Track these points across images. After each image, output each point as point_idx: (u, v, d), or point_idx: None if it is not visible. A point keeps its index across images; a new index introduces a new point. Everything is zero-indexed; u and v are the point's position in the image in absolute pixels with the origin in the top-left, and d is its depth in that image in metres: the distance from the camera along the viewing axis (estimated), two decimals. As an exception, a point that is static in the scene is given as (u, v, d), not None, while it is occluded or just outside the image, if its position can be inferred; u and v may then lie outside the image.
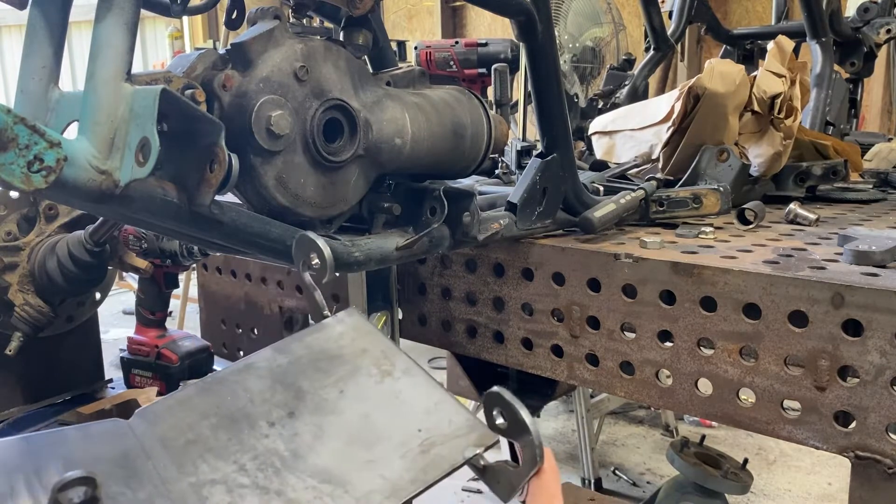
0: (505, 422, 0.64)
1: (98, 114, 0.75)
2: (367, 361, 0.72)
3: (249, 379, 0.68)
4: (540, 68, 1.29)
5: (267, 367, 0.70)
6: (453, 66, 2.44)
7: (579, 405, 3.24)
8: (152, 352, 1.62)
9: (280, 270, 1.78)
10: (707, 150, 1.65)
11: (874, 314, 0.98)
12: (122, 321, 5.35)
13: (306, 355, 0.73)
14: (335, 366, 0.71)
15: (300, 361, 0.71)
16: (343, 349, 0.74)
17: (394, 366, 0.72)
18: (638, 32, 3.58)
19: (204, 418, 0.63)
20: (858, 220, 1.59)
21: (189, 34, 8.08)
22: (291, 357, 0.72)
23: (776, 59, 1.73)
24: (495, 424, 0.65)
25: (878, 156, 2.46)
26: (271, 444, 0.61)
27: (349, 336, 0.76)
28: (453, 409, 0.68)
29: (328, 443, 0.63)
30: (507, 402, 0.63)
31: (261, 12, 0.96)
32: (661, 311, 1.17)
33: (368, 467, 0.61)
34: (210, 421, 0.61)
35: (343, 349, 0.74)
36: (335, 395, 0.67)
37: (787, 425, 1.08)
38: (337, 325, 0.78)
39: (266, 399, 0.66)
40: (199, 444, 0.60)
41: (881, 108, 4.66)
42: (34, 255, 1.39)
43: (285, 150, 0.93)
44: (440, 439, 0.64)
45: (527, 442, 0.63)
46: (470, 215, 1.12)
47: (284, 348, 0.73)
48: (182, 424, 0.63)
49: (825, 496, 3.13)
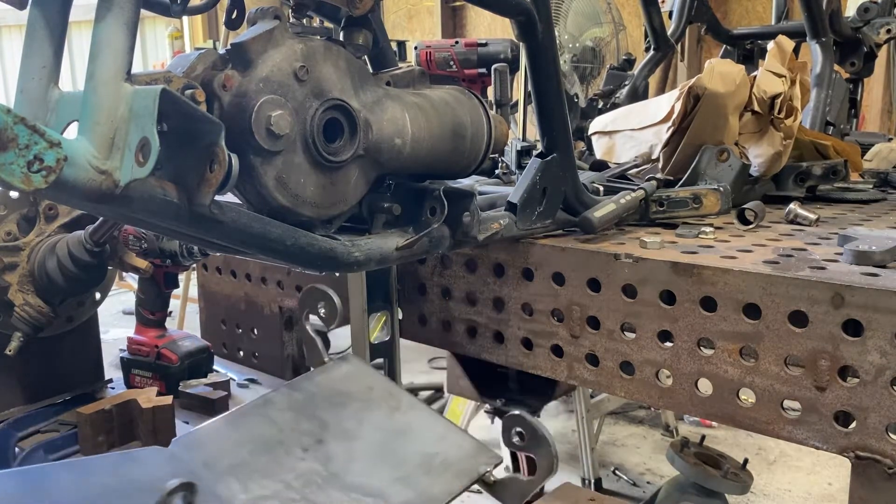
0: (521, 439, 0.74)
1: (98, 114, 0.75)
2: (376, 397, 0.79)
3: (272, 412, 0.74)
4: (540, 68, 1.29)
5: (285, 402, 0.76)
6: (453, 66, 2.44)
7: (579, 405, 3.24)
8: (152, 352, 1.62)
9: (280, 270, 1.78)
10: (707, 150, 1.65)
11: (874, 314, 0.98)
12: (122, 321, 5.35)
13: (319, 392, 0.79)
14: (348, 401, 0.78)
15: (315, 397, 0.77)
16: (351, 387, 0.80)
17: (400, 402, 0.80)
18: (638, 32, 3.58)
19: (240, 445, 0.68)
20: (858, 220, 1.59)
21: (189, 34, 8.08)
22: (306, 394, 0.78)
23: (776, 59, 1.73)
24: (512, 441, 0.75)
25: (878, 156, 2.46)
26: (309, 465, 0.67)
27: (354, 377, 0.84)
28: (460, 436, 0.76)
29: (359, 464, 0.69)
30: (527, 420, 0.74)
31: (261, 12, 0.96)
32: (661, 311, 1.17)
33: (400, 482, 0.67)
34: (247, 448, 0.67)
35: (351, 387, 0.80)
36: (355, 425, 0.74)
37: (787, 425, 1.08)
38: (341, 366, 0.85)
39: (293, 428, 0.72)
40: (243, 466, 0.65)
41: (881, 108, 4.66)
42: (34, 255, 1.39)
43: (285, 150, 0.93)
44: (455, 459, 0.72)
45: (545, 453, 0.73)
46: (470, 215, 1.12)
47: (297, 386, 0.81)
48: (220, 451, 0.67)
49: (825, 496, 3.13)
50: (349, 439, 0.71)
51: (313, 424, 0.72)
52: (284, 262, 0.98)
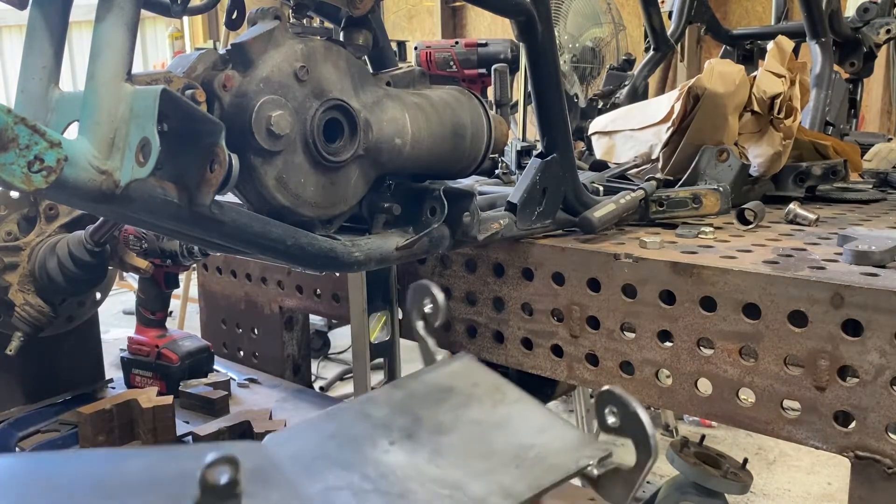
0: (617, 420, 0.65)
1: (98, 114, 0.75)
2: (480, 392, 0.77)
3: (369, 408, 0.73)
4: (540, 68, 1.29)
5: (385, 399, 0.75)
6: (453, 66, 2.44)
7: (579, 405, 3.23)
8: (152, 352, 1.62)
9: (280, 270, 1.78)
10: (707, 150, 1.65)
11: (874, 314, 0.98)
12: (122, 321, 5.34)
13: (422, 389, 0.77)
14: (449, 396, 0.76)
15: (416, 394, 0.76)
16: (456, 383, 0.78)
17: (505, 395, 0.76)
18: (638, 32, 3.58)
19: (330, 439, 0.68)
20: (858, 220, 1.59)
21: (189, 34, 8.07)
22: (408, 391, 0.77)
23: (776, 59, 1.73)
24: (607, 424, 0.66)
25: (878, 156, 2.47)
26: (392, 458, 0.66)
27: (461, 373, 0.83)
28: (565, 428, 0.71)
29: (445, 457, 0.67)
30: (619, 396, 0.64)
31: (261, 12, 0.96)
32: (661, 311, 1.18)
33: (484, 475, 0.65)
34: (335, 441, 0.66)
35: (456, 383, 0.78)
36: (451, 420, 0.72)
37: (786, 425, 1.08)
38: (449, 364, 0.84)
39: (386, 424, 0.71)
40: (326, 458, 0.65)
41: (881, 108, 4.66)
42: (34, 255, 1.39)
43: (285, 150, 0.93)
44: (553, 452, 0.67)
45: (641, 436, 0.63)
46: (470, 215, 1.12)
47: (401, 385, 0.79)
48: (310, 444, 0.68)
49: (825, 496, 3.13)
50: (441, 433, 0.70)
51: (407, 420, 0.71)
52: (284, 262, 0.98)
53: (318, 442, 0.68)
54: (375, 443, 0.68)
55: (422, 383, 0.78)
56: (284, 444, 0.68)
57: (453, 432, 0.70)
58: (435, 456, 0.67)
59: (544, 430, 0.70)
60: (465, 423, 0.72)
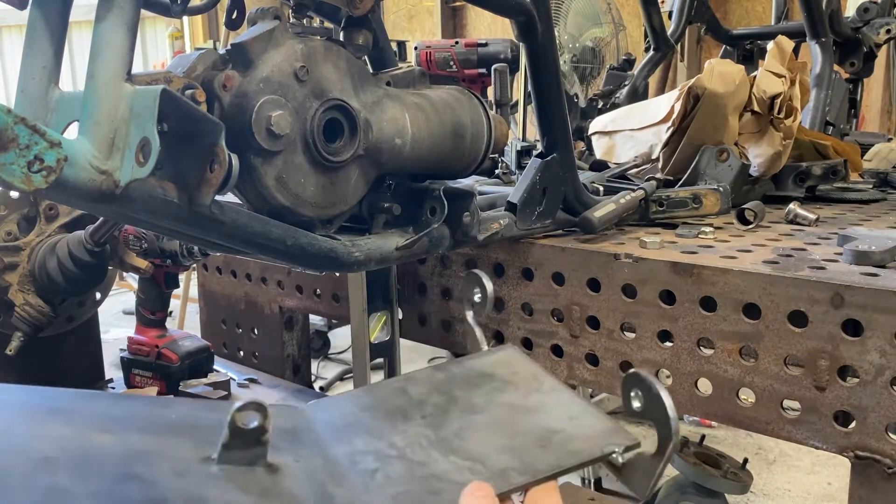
0: (641, 404, 0.65)
1: (98, 114, 0.75)
2: (517, 379, 0.79)
3: (409, 386, 0.76)
4: (540, 68, 1.29)
5: (426, 379, 0.78)
6: (453, 66, 2.44)
7: (579, 405, 3.23)
8: (152, 352, 1.61)
9: (280, 270, 1.78)
10: (707, 150, 1.65)
11: (874, 314, 0.98)
12: (122, 321, 5.34)
13: (462, 373, 0.79)
14: (487, 382, 0.78)
15: (456, 377, 0.78)
16: (496, 371, 0.80)
17: (542, 384, 0.77)
18: (638, 32, 3.58)
19: (365, 410, 0.71)
20: (858, 220, 1.59)
21: (189, 34, 8.07)
22: (448, 374, 0.79)
23: (776, 59, 1.73)
24: (633, 408, 0.66)
25: (878, 156, 2.47)
26: (421, 430, 0.68)
27: (503, 362, 0.83)
28: (597, 416, 0.71)
29: (473, 433, 0.69)
30: (644, 379, 0.65)
31: (261, 12, 0.96)
32: (661, 311, 1.17)
33: (508, 451, 0.67)
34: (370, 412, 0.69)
35: (496, 371, 0.80)
36: (484, 402, 0.74)
37: (786, 425, 1.08)
38: (494, 353, 0.86)
39: (422, 401, 0.73)
40: (358, 426, 0.68)
41: (881, 108, 4.66)
42: (34, 255, 1.39)
43: (285, 150, 0.93)
44: (580, 438, 0.68)
45: (663, 418, 0.62)
46: (470, 215, 1.12)
47: (443, 367, 0.81)
48: (347, 413, 0.71)
49: (825, 496, 3.13)
50: (472, 412, 0.72)
51: (443, 399, 0.73)
52: (284, 262, 0.98)
53: (354, 412, 0.71)
54: (408, 416, 0.71)
55: (463, 368, 0.80)
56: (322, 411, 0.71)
57: (485, 413, 0.72)
58: (462, 432, 0.69)
59: (575, 418, 0.71)
60: (497, 406, 0.73)
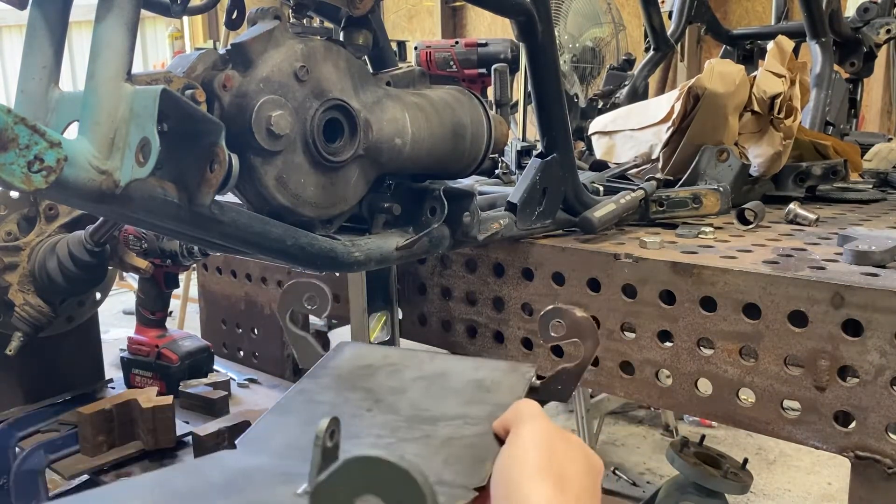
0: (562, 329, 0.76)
1: (98, 114, 0.75)
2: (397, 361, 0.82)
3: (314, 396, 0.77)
4: (540, 68, 1.29)
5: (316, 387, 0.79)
6: (453, 66, 2.44)
7: (579, 405, 3.23)
8: (152, 352, 1.62)
9: (280, 270, 1.78)
10: (707, 150, 1.65)
11: (874, 314, 0.98)
12: (122, 321, 5.34)
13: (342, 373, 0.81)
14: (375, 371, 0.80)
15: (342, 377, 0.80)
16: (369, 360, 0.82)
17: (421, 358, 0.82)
18: (638, 32, 3.58)
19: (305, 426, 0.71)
20: (858, 220, 1.59)
21: (189, 34, 8.07)
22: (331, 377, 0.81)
23: (776, 59, 1.73)
24: (551, 336, 0.77)
25: (878, 156, 2.47)
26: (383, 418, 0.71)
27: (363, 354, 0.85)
28: (492, 361, 0.80)
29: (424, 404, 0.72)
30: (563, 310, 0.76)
31: (261, 12, 0.96)
32: (661, 311, 1.17)
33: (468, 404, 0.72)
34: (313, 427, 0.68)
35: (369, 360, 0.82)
36: (397, 383, 0.77)
37: (786, 425, 1.08)
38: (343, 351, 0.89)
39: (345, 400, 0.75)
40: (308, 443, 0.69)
41: (881, 108, 4.66)
42: (34, 255, 1.39)
43: (285, 150, 0.93)
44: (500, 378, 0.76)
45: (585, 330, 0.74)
46: (470, 215, 1.12)
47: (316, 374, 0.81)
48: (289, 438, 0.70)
49: (825, 496, 3.13)
50: (401, 393, 0.75)
51: (359, 394, 0.75)
52: (284, 262, 0.98)
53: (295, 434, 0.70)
54: (354, 414, 0.72)
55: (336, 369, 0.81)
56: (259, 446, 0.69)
57: (409, 390, 0.75)
58: (415, 407, 0.72)
59: (478, 367, 0.78)
60: (411, 382, 0.77)
